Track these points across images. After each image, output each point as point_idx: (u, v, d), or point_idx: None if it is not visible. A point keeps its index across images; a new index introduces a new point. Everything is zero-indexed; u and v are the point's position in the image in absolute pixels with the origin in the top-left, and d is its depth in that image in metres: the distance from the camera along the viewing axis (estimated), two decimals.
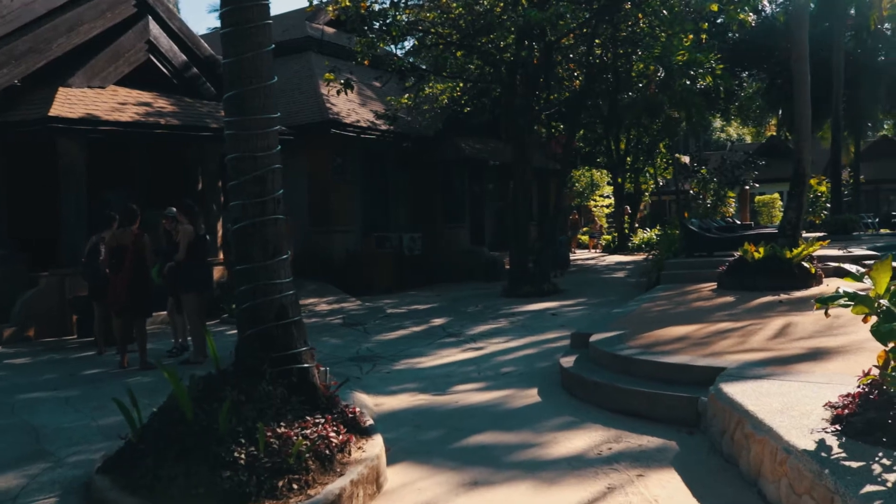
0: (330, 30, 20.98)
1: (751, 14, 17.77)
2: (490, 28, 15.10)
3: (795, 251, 12.15)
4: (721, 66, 18.65)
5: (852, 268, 5.06)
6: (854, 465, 3.87)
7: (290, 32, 20.06)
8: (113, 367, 9.18)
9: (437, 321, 12.66)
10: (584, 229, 34.66)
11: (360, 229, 18.57)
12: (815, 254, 12.67)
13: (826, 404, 4.88)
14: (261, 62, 4.93)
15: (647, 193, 38.56)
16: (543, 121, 19.93)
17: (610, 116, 23.73)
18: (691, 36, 14.23)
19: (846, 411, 4.49)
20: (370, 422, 5.30)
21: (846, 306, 4.88)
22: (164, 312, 10.71)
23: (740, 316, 9.25)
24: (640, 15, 16.52)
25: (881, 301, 4.58)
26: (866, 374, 4.71)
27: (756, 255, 12.19)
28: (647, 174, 35.61)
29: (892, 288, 4.68)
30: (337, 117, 17.07)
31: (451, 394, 7.51)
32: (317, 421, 4.52)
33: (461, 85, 18.85)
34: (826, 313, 5.02)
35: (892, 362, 4.57)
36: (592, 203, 39.71)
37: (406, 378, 8.28)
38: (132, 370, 8.94)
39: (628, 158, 32.54)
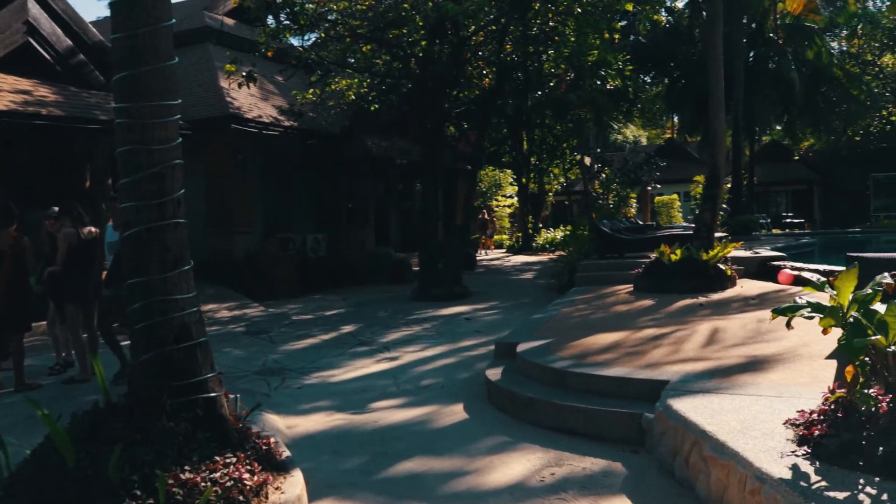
0: (230, 21, 19.93)
1: (664, 14, 17.83)
2: (401, 21, 14.49)
3: (711, 253, 12.07)
4: (630, 66, 18.69)
5: (813, 276, 4.74)
6: (840, 496, 3.49)
7: (187, 22, 18.91)
8: None
9: (347, 328, 11.98)
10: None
11: (262, 230, 17.65)
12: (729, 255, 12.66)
13: (786, 422, 4.54)
14: (159, 39, 4.19)
15: (550, 194, 38.76)
16: (453, 119, 19.49)
17: (516, 116, 23.52)
18: (606, 35, 14.03)
19: (816, 432, 4.13)
20: (287, 453, 4.64)
21: (809, 318, 4.54)
22: (44, 323, 9.64)
23: (665, 321, 8.99)
24: (549, 14, 16.27)
25: (853, 314, 4.24)
26: (833, 392, 4.38)
27: (673, 257, 12.05)
28: (552, 175, 35.75)
29: (860, 298, 4.37)
30: (238, 112, 16.13)
31: (370, 412, 6.89)
32: (227, 461, 3.83)
33: (368, 81, 18.19)
34: (788, 325, 4.67)
35: (861, 378, 4.25)
36: (495, 203, 39.68)
37: (319, 394, 7.60)
38: (6, 392, 7.93)
39: (532, 158, 32.56)
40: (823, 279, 4.69)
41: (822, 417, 4.32)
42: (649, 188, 34.26)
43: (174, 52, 4.42)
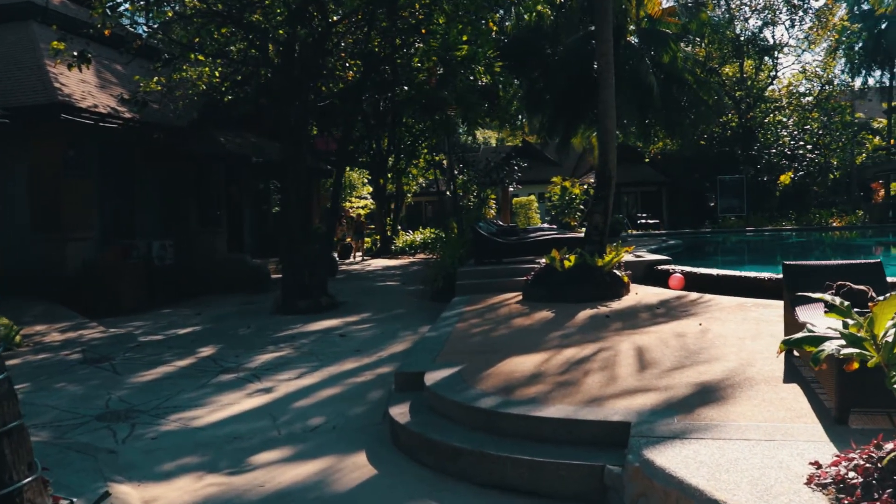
0: None
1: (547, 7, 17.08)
2: (261, 1, 12.88)
3: (606, 258, 11.35)
4: (500, 63, 17.88)
5: (835, 299, 3.82)
6: None
7: None
8: None
9: (206, 350, 10.32)
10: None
11: (101, 236, 15.48)
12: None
13: (809, 481, 3.62)
14: None
15: (409, 195, 37.80)
16: (316, 114, 18.00)
17: (379, 112, 22.31)
18: (492, 24, 13.03)
19: None
20: None
21: (844, 357, 3.60)
22: None
23: (578, 338, 8.05)
24: (417, 4, 15.15)
25: None
26: (879, 446, 3.47)
27: (566, 263, 11.22)
28: (410, 175, 34.76)
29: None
30: (69, 100, 13.92)
31: (251, 469, 5.46)
32: None
33: (221, 69, 16.40)
34: (816, 362, 3.71)
35: None
36: (349, 204, 38.33)
37: (183, 446, 6.05)
38: None
39: (390, 158, 31.43)
40: (847, 303, 3.77)
41: (864, 479, 3.41)
42: (510, 189, 33.92)
43: None
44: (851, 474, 3.49)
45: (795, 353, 6.53)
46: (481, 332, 8.87)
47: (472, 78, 16.58)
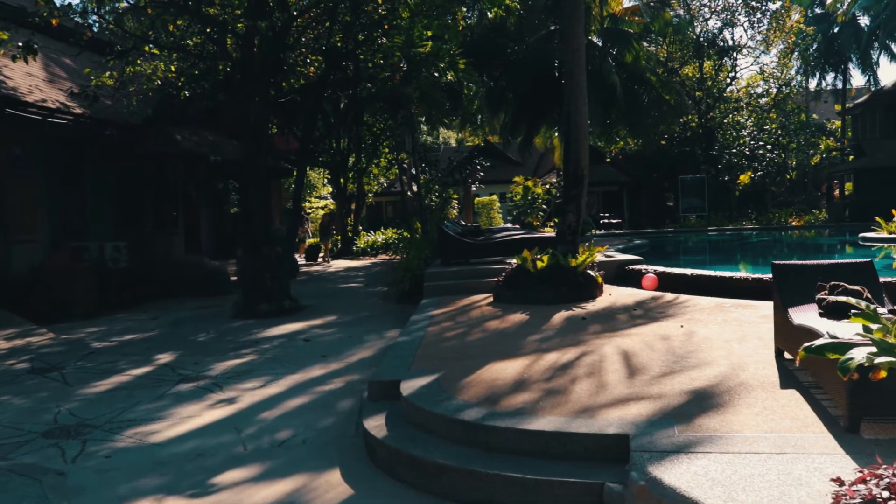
0: None
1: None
2: None
3: (580, 258, 11.06)
4: (464, 60, 17.52)
5: (860, 303, 3.52)
6: None
7: None
8: None
9: (163, 357, 9.76)
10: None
11: (50, 238, 14.75)
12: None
13: (837, 502, 3.30)
14: None
15: (370, 195, 37.31)
16: (277, 111, 17.46)
17: (341, 110, 21.81)
18: (459, 17, 12.66)
19: None
20: None
21: (873, 366, 3.29)
22: None
23: (558, 341, 7.72)
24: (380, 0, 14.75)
25: None
26: None
27: (539, 263, 10.91)
28: (372, 175, 34.27)
29: None
30: (13, 94, 13.18)
31: (216, 491, 5.01)
32: None
33: (177, 63, 15.77)
34: (844, 373, 3.40)
35: None
36: (308, 205, 37.73)
37: (139, 466, 5.56)
38: None
39: (351, 157, 30.95)
40: (873, 306, 3.48)
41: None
42: (473, 188, 33.64)
43: None
44: (885, 493, 3.18)
45: (787, 355, 6.29)
46: (455, 336, 8.50)
47: (436, 75, 16.17)
